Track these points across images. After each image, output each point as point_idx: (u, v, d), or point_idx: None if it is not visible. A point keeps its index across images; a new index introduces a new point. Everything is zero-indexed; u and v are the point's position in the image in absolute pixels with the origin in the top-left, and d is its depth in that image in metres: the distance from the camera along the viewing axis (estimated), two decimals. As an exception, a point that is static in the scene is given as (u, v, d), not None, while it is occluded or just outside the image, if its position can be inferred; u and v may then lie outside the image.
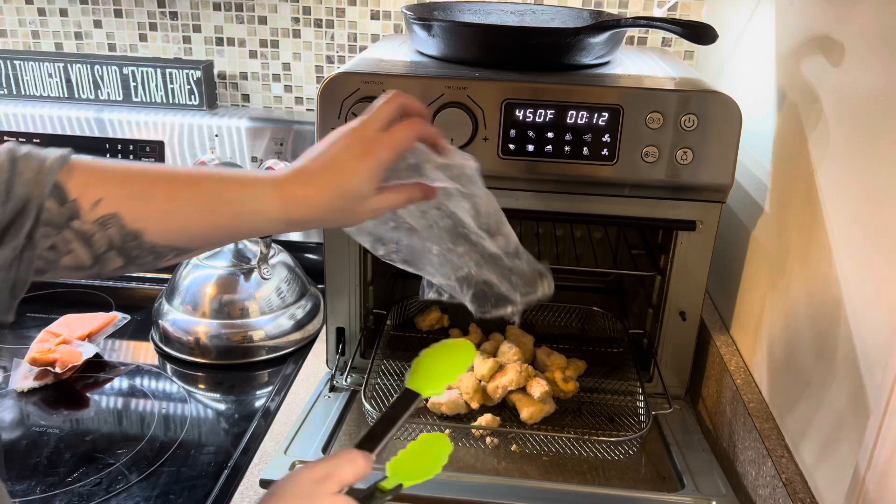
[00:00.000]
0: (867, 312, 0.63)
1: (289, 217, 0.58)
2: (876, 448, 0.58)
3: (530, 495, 0.78)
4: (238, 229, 0.59)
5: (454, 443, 0.85)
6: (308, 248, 1.31)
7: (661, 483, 0.82)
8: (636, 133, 0.82)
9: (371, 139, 0.59)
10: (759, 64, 0.95)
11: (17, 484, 0.82)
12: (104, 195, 0.52)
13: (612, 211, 0.87)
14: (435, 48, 0.93)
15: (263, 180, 0.58)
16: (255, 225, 0.58)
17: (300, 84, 1.36)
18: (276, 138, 1.25)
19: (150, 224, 0.54)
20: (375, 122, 0.60)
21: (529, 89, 0.83)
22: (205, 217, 0.56)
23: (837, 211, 0.70)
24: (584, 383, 0.97)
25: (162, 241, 0.55)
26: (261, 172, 0.59)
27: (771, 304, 0.84)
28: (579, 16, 1.04)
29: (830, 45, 0.74)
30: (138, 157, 1.28)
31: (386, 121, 0.61)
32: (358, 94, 0.83)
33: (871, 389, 0.60)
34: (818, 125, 0.75)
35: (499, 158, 0.84)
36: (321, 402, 0.92)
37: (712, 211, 0.86)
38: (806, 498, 0.69)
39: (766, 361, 0.84)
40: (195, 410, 0.98)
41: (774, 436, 0.77)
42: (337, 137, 0.61)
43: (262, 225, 0.58)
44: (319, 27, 1.32)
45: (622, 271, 1.18)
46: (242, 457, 0.89)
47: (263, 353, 1.10)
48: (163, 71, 1.29)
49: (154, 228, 0.54)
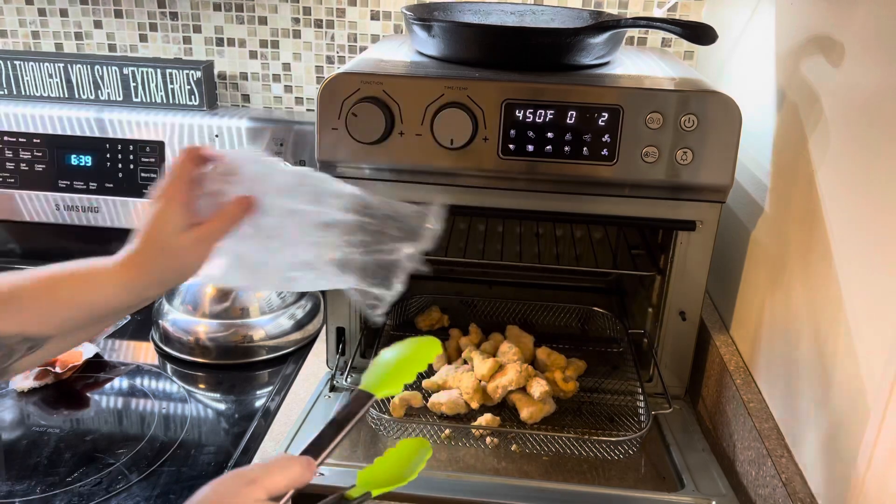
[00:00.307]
0: (867, 312, 0.63)
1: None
2: (875, 448, 0.58)
3: (530, 495, 0.78)
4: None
5: (454, 443, 0.85)
6: (308, 248, 1.31)
7: (661, 483, 0.82)
8: (636, 133, 0.82)
9: (161, 195, 0.63)
10: (759, 64, 0.95)
11: (17, 484, 0.82)
12: None
13: (612, 211, 0.87)
14: (435, 48, 0.93)
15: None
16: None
17: (300, 84, 1.36)
18: (277, 138, 1.25)
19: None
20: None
21: (529, 89, 0.83)
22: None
23: (837, 210, 0.70)
24: (584, 383, 0.97)
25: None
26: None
27: (771, 303, 0.84)
28: (579, 16, 1.04)
29: (830, 45, 0.74)
30: (138, 158, 1.29)
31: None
32: (358, 95, 0.83)
33: (870, 389, 0.60)
34: (818, 125, 0.76)
35: (499, 158, 0.84)
36: (321, 402, 0.92)
37: (712, 211, 0.87)
38: (806, 498, 0.69)
39: (766, 361, 0.85)
40: (195, 410, 0.98)
41: (774, 435, 0.77)
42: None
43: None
44: (319, 27, 1.32)
45: (622, 271, 1.18)
46: (242, 457, 0.89)
47: (263, 353, 1.10)
48: (163, 71, 1.29)
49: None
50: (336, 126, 0.84)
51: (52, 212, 1.32)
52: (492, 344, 1.01)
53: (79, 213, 1.32)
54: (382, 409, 0.88)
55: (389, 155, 0.85)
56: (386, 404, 0.89)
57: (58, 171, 1.30)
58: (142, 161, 1.28)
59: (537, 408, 0.89)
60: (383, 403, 0.89)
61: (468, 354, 0.96)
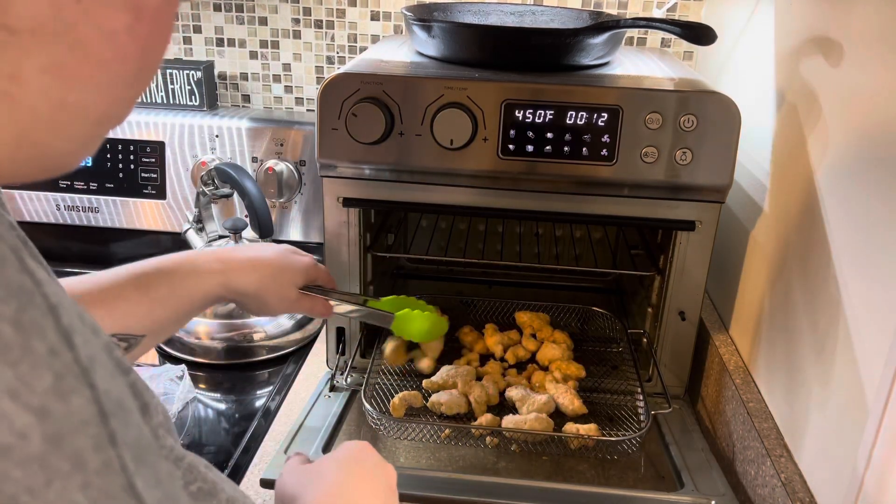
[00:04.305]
0: (866, 311, 0.63)
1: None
2: (875, 447, 0.58)
3: (530, 495, 0.78)
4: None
5: (454, 443, 0.85)
6: (308, 248, 1.31)
7: (661, 482, 0.82)
8: (635, 133, 0.82)
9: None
10: (759, 64, 0.95)
11: (17, 483, 0.82)
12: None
13: (612, 211, 0.87)
14: (435, 49, 0.93)
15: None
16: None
17: (300, 85, 1.36)
18: (277, 139, 1.25)
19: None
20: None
21: (529, 90, 0.83)
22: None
23: (836, 210, 0.70)
24: (583, 383, 0.97)
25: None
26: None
27: (770, 303, 0.85)
28: (579, 17, 1.04)
29: (829, 45, 0.74)
30: (139, 158, 1.29)
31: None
32: (358, 95, 0.83)
33: (869, 389, 0.61)
34: (817, 125, 0.76)
35: (499, 159, 0.85)
36: (321, 401, 0.92)
37: (711, 211, 0.87)
38: (805, 497, 0.69)
39: (765, 361, 0.85)
40: (195, 410, 0.99)
41: (773, 435, 0.77)
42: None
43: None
44: (320, 28, 1.32)
45: (622, 271, 1.18)
46: (243, 456, 0.89)
47: (264, 353, 1.10)
48: (163, 71, 1.29)
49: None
50: (336, 126, 0.84)
51: (52, 212, 1.32)
52: (510, 337, 1.04)
53: (79, 213, 1.32)
54: (382, 409, 0.88)
55: (389, 155, 0.85)
56: (386, 404, 0.89)
57: (58, 171, 1.30)
58: (142, 161, 1.29)
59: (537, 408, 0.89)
60: (383, 403, 0.90)
61: (511, 396, 0.92)
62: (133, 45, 0.31)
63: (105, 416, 0.26)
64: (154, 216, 1.31)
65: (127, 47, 0.31)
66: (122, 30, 0.30)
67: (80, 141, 0.32)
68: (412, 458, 0.84)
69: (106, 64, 0.30)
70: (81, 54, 0.29)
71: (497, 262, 1.21)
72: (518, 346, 1.03)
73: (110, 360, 0.28)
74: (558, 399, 0.90)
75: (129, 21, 0.30)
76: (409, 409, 0.90)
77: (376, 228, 1.02)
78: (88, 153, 0.34)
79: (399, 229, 1.22)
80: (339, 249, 0.93)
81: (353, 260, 0.94)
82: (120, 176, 1.29)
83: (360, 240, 0.93)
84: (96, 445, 0.25)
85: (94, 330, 0.28)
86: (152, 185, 1.29)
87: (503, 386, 0.94)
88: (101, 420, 0.26)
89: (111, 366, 0.28)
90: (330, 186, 0.89)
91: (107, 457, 0.25)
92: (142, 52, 0.32)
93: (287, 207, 1.28)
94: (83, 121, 0.31)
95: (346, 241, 0.92)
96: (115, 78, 0.31)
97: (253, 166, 1.26)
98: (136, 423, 0.28)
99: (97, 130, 0.33)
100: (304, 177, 1.26)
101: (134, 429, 0.27)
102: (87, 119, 0.32)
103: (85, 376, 0.26)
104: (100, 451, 0.25)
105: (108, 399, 0.26)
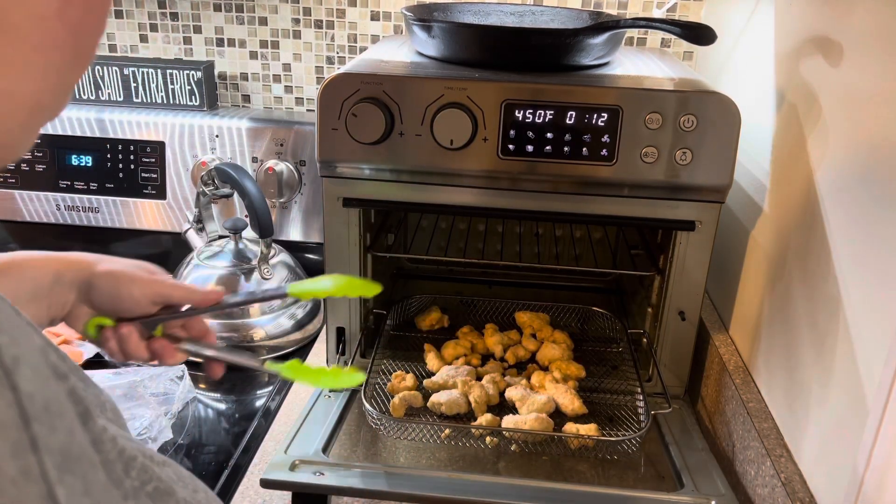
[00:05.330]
0: (866, 311, 0.63)
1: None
2: (874, 447, 0.58)
3: (530, 495, 0.78)
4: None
5: (454, 443, 0.85)
6: (308, 247, 1.31)
7: (661, 482, 0.82)
8: (635, 133, 0.82)
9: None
10: (758, 64, 0.96)
11: (18, 483, 0.82)
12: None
13: (612, 211, 0.87)
14: (435, 49, 0.93)
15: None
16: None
17: (300, 85, 1.36)
18: (277, 139, 1.25)
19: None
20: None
21: (529, 90, 0.83)
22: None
23: (836, 210, 0.70)
24: (583, 383, 0.97)
25: None
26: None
27: (770, 303, 0.85)
28: (579, 17, 1.04)
29: (829, 45, 0.74)
30: (139, 158, 1.29)
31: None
32: (358, 95, 0.83)
33: (869, 389, 0.61)
34: (817, 125, 0.76)
35: (498, 159, 0.85)
36: (321, 401, 0.92)
37: (711, 211, 0.87)
38: (805, 497, 0.69)
39: (765, 361, 0.85)
40: (195, 410, 0.99)
41: (773, 435, 0.77)
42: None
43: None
44: (320, 28, 1.32)
45: (622, 271, 1.18)
46: (243, 456, 0.89)
47: (264, 352, 1.10)
48: (163, 72, 1.29)
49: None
50: (336, 126, 0.85)
51: (52, 212, 1.32)
52: (510, 337, 1.04)
53: (79, 213, 1.32)
54: (383, 409, 0.88)
55: (389, 155, 0.86)
56: (386, 404, 0.89)
57: (58, 171, 1.30)
58: (142, 161, 1.29)
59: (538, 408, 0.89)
60: (383, 403, 0.90)
61: (511, 396, 0.92)
62: (64, 29, 0.31)
63: (27, 420, 0.24)
64: (154, 216, 1.31)
65: (57, 31, 0.30)
66: (52, 14, 0.30)
67: (13, 132, 0.32)
68: (412, 458, 0.84)
69: (37, 49, 0.30)
70: (12, 39, 0.29)
71: (497, 262, 1.21)
72: (518, 346, 1.03)
73: (44, 364, 0.27)
74: (558, 399, 0.90)
75: (60, 5, 0.30)
76: (409, 409, 0.90)
77: (376, 228, 1.02)
78: (24, 147, 0.33)
79: (399, 229, 1.22)
80: (339, 249, 0.93)
81: (353, 260, 0.94)
82: (120, 176, 1.29)
83: (360, 240, 0.93)
84: (14, 451, 0.24)
85: (24, 331, 0.27)
86: (152, 185, 1.30)
87: (503, 386, 0.94)
88: (23, 424, 0.24)
89: (44, 369, 0.26)
90: (330, 186, 0.89)
91: (25, 463, 0.24)
92: (74, 37, 0.31)
93: (287, 207, 1.28)
94: (16, 109, 0.31)
95: (346, 241, 0.92)
96: (48, 64, 0.31)
97: (253, 166, 1.26)
98: (68, 429, 0.26)
99: (31, 120, 0.32)
100: (304, 177, 1.26)
101: (62, 435, 0.26)
102: (20, 107, 0.31)
103: (7, 378, 0.24)
104: (18, 457, 0.24)
105: (31, 403, 0.25)
